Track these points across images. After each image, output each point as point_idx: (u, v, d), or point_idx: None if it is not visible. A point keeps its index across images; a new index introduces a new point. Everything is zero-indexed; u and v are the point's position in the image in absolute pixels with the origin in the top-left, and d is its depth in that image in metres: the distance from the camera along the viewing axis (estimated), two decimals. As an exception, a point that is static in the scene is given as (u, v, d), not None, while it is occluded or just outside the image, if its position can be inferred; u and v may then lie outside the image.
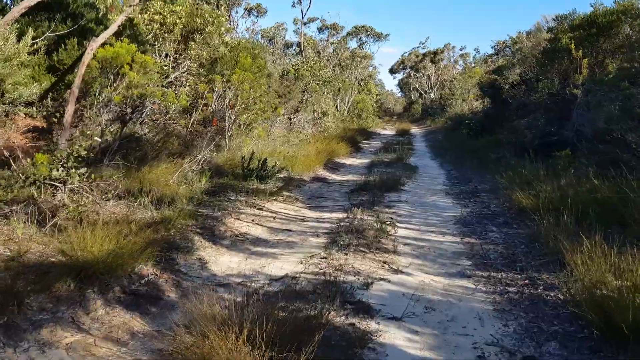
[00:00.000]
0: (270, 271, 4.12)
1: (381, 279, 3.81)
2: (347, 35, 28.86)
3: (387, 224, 5.54)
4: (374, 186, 7.90)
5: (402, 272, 3.97)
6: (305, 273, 4.01)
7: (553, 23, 16.45)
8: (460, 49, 40.85)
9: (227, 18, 11.59)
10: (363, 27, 30.01)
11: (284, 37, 25.25)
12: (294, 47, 26.14)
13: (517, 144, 10.51)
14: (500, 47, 24.37)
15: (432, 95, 38.83)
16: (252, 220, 5.92)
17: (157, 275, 3.81)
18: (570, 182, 5.54)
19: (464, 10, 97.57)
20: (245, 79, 9.81)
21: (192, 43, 9.67)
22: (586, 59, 9.34)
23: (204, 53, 9.80)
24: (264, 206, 6.58)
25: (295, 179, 8.82)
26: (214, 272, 4.11)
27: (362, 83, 31.82)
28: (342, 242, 4.76)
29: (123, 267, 3.59)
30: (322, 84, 16.21)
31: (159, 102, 8.76)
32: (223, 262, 4.38)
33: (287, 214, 6.41)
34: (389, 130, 26.90)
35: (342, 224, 5.70)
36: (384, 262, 4.20)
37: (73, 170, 5.12)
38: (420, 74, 41.40)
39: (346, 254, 4.44)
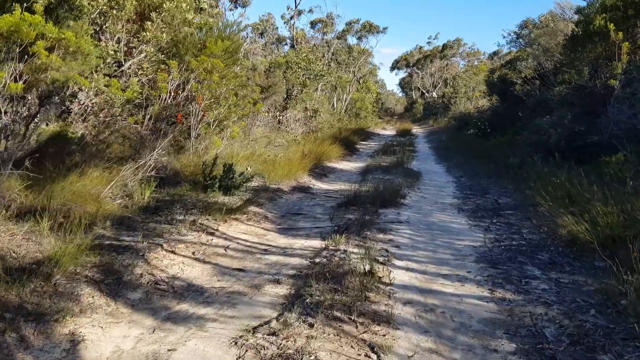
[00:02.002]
0: (179, 361, 2.46)
1: (363, 393, 2.13)
2: (342, 32, 27.15)
3: (380, 262, 3.86)
4: (366, 199, 6.22)
5: (400, 374, 2.29)
6: (234, 370, 2.33)
7: (570, 12, 14.77)
8: (463, 45, 39.11)
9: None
10: (357, 20, 28.30)
11: (277, 28, 23.55)
12: (287, 42, 24.43)
13: (539, 145, 8.86)
14: (505, 45, 22.72)
15: (434, 94, 37.23)
16: (193, 252, 4.24)
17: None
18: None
19: (464, 9, 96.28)
20: (215, 68, 8.14)
21: (148, 23, 8.00)
22: (627, 43, 7.66)
23: (164, 35, 8.11)
24: (217, 229, 4.90)
25: (271, 189, 7.15)
26: (82, 364, 2.43)
27: (360, 81, 30.14)
28: (309, 299, 3.08)
29: None
30: (313, 78, 14.52)
31: (104, 93, 7.15)
32: (111, 339, 2.69)
33: (247, 241, 4.73)
34: (389, 131, 25.39)
35: (317, 259, 4.02)
36: (371, 348, 2.51)
37: None
38: (423, 72, 39.79)
39: (311, 325, 2.76)
